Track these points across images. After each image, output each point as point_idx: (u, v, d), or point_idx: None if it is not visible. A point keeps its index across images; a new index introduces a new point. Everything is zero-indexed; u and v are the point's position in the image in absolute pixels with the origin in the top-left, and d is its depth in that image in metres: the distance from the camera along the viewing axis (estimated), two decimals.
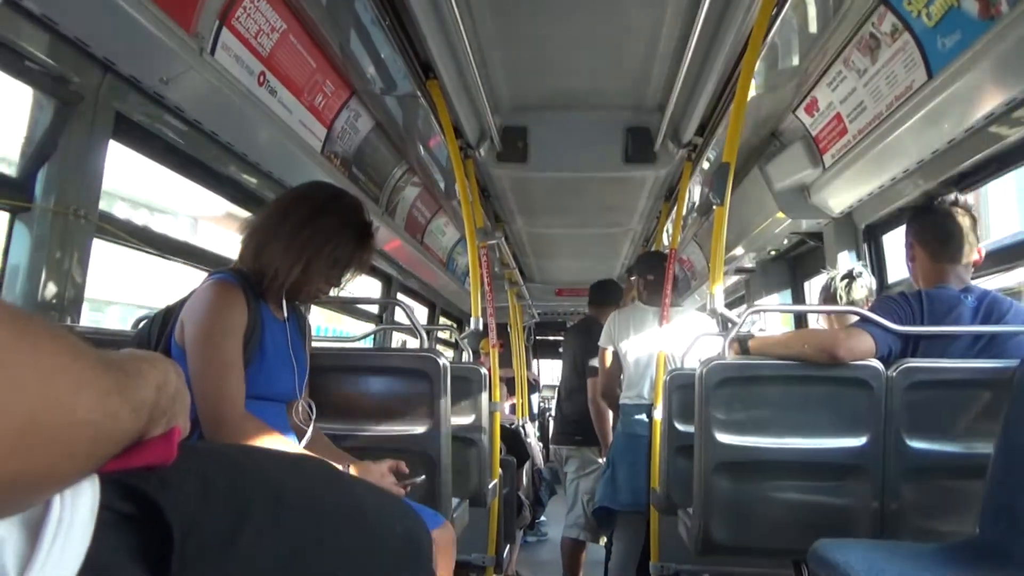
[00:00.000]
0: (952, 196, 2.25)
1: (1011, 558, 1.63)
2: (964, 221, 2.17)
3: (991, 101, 2.20)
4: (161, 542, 0.63)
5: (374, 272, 4.87)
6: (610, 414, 3.91)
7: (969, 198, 2.22)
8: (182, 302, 1.70)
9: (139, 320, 2.24)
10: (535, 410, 7.73)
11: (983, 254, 2.20)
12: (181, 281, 1.79)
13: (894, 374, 2.02)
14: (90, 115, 1.93)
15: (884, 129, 2.66)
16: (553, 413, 4.66)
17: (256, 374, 1.69)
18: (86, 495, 0.58)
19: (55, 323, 0.52)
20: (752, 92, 2.40)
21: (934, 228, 2.20)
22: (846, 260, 3.50)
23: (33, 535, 0.53)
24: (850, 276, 2.93)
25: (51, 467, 0.50)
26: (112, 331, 1.97)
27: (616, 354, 3.65)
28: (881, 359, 2.05)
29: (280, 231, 1.73)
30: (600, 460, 4.05)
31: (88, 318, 2.18)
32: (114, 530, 0.59)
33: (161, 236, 2.44)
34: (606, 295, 4.45)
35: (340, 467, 1.71)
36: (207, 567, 0.66)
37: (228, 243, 1.92)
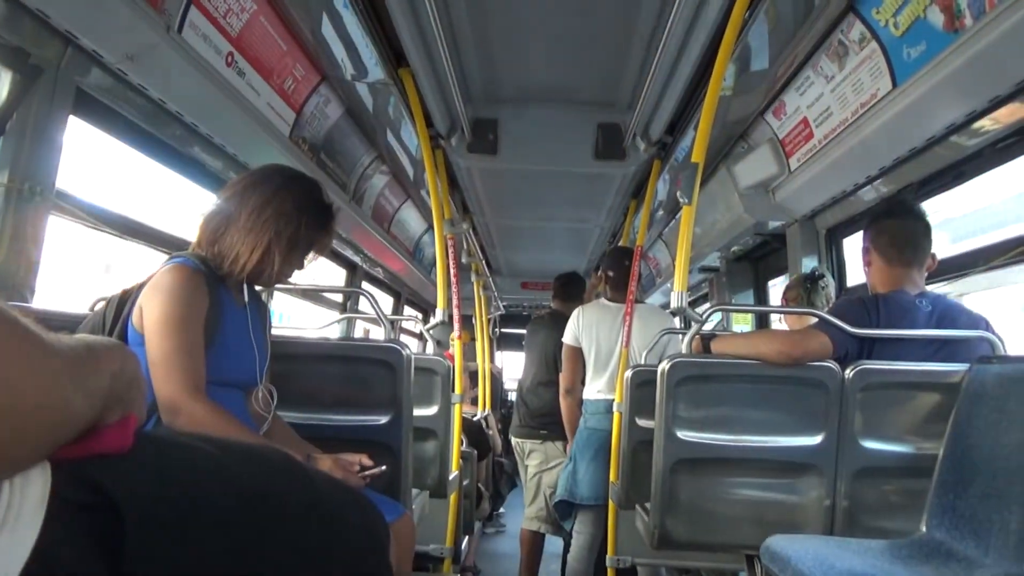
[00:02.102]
0: (909, 203, 2.31)
1: (953, 555, 1.69)
2: (919, 227, 2.23)
3: (952, 112, 2.26)
4: (113, 531, 0.61)
5: (339, 260, 4.82)
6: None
7: (926, 205, 2.29)
8: (139, 287, 1.66)
9: (96, 302, 2.19)
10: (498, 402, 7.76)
11: (936, 260, 2.27)
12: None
13: (849, 375, 2.07)
14: (50, 89, 1.87)
15: (849, 135, 2.71)
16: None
17: (216, 360, 1.66)
18: (37, 483, 0.57)
19: (5, 304, 0.50)
20: (722, 93, 2.42)
21: (891, 234, 2.25)
22: (808, 262, 3.57)
23: None
24: (813, 278, 2.99)
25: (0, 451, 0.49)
26: (66, 313, 1.92)
27: (580, 350, 3.67)
28: (837, 360, 2.10)
29: (238, 215, 1.72)
30: (563, 455, 4.07)
31: None
32: (65, 518, 0.58)
33: (120, 217, 2.38)
34: (572, 289, 4.44)
35: (301, 457, 1.69)
36: (160, 557, 0.65)
37: (191, 226, 1.89)
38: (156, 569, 0.65)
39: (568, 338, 3.70)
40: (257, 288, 1.92)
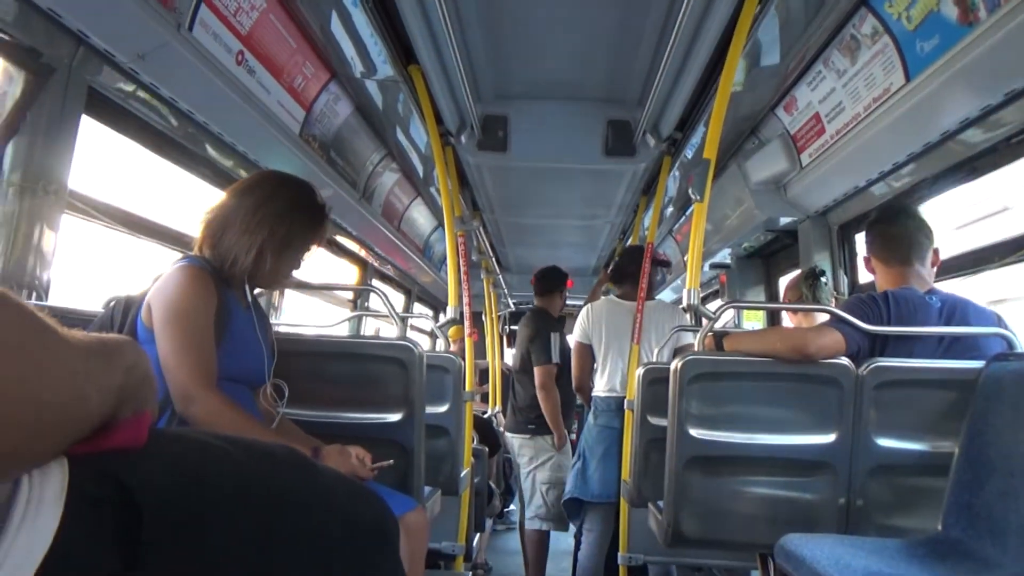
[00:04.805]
0: (898, 206, 2.33)
1: (970, 555, 1.68)
2: (910, 224, 2.26)
3: (966, 106, 2.24)
4: (130, 525, 0.62)
5: (350, 257, 4.83)
6: (559, 401, 4.06)
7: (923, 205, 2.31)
8: (147, 291, 1.70)
9: (110, 301, 2.20)
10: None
11: (939, 256, 2.27)
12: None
13: (864, 373, 2.05)
14: (62, 89, 1.88)
15: (861, 130, 2.69)
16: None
17: (225, 357, 1.70)
18: (55, 477, 0.58)
19: (24, 300, 0.51)
20: (733, 89, 2.41)
21: (881, 236, 2.29)
22: (820, 259, 3.55)
23: (1, 517, 0.53)
24: (813, 275, 2.97)
25: (17, 446, 0.49)
26: (80, 311, 1.94)
27: (590, 347, 3.68)
28: (850, 357, 2.09)
29: (235, 218, 1.79)
30: (553, 449, 4.15)
31: None
32: (83, 512, 0.58)
33: (134, 216, 2.39)
34: (548, 284, 4.49)
35: (308, 451, 1.72)
36: (175, 550, 0.66)
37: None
38: (171, 560, 0.65)
39: (578, 334, 3.74)
40: (256, 291, 1.97)
